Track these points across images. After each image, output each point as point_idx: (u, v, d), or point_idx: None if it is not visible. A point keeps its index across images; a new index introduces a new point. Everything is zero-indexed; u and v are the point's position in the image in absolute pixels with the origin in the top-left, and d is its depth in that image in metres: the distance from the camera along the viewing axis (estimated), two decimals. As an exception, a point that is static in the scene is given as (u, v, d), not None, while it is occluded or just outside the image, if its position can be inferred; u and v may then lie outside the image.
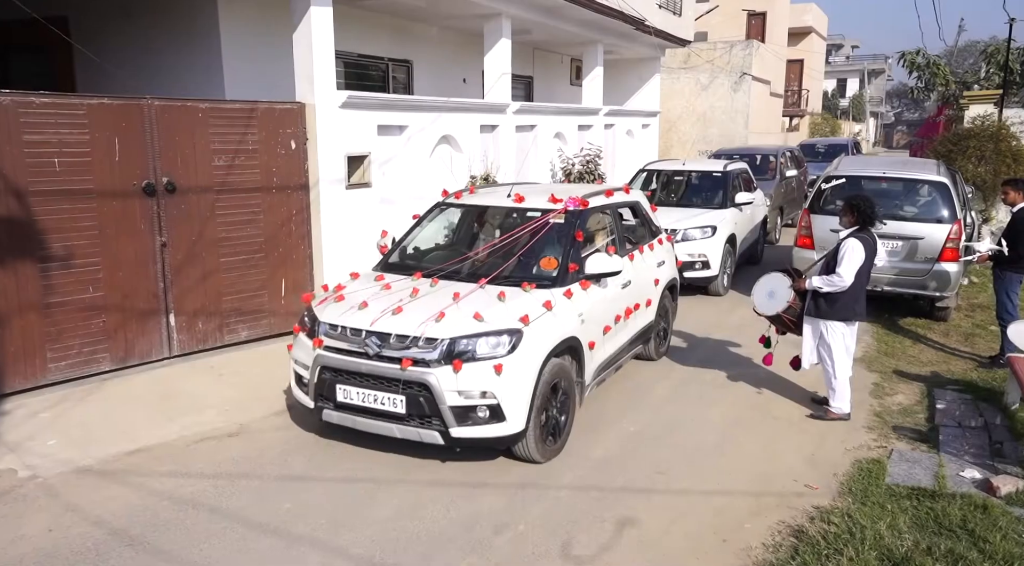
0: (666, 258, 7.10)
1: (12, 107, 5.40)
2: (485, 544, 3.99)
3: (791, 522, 4.22)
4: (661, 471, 4.87)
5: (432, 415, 4.49)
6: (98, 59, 7.54)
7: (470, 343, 4.51)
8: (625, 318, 5.98)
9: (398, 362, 4.51)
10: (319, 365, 4.79)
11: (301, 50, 7.60)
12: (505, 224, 6.14)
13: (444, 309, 4.68)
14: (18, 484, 4.52)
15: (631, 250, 6.41)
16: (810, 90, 36.65)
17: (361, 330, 4.71)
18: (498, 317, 4.65)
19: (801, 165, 16.58)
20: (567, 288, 5.14)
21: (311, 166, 7.57)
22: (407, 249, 6.13)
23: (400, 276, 5.46)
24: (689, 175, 11.23)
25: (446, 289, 5.05)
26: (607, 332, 5.62)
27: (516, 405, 4.51)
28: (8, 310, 5.53)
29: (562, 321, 4.93)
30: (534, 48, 15.41)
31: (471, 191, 6.37)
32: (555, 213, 5.64)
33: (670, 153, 23.37)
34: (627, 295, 6.02)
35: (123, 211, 6.13)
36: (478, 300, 4.85)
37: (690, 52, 23.15)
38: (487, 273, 5.23)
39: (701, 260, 9.38)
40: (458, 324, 4.58)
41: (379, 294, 5.09)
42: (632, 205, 6.97)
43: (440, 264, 5.56)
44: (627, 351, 6.24)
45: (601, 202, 6.12)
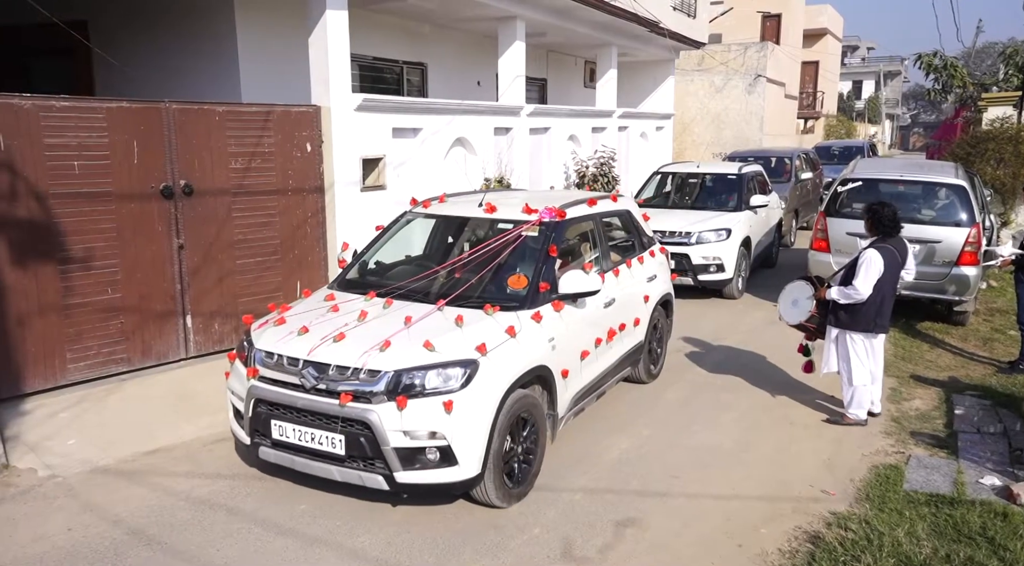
0: (658, 272, 6.50)
1: (33, 111, 5.47)
2: (500, 546, 3.99)
3: (807, 528, 4.20)
4: (675, 475, 4.86)
5: (375, 457, 3.97)
6: (117, 63, 7.62)
7: (417, 376, 3.98)
8: (608, 340, 5.43)
9: (338, 396, 3.98)
10: (253, 397, 4.27)
11: (317, 53, 7.65)
12: (475, 237, 5.68)
13: (391, 336, 4.16)
14: (38, 483, 4.58)
15: (617, 264, 5.84)
16: (825, 92, 36.44)
17: (298, 359, 4.18)
18: (451, 346, 4.12)
19: (816, 167, 16.48)
20: (536, 310, 4.59)
21: (326, 168, 7.61)
22: (368, 264, 5.56)
23: (353, 295, 4.92)
24: (703, 178, 11.18)
25: (399, 312, 4.52)
26: (585, 357, 5.06)
27: (470, 447, 3.98)
28: (29, 311, 5.59)
29: (528, 348, 4.41)
30: (548, 51, 15.43)
31: (441, 199, 5.81)
32: (528, 225, 5.10)
33: (684, 155, 23.30)
34: (610, 315, 5.48)
35: (141, 213, 6.19)
36: (432, 325, 4.34)
37: (704, 54, 23.08)
38: (448, 293, 4.76)
39: (716, 263, 9.31)
40: (405, 354, 4.05)
41: (324, 317, 4.56)
42: (621, 214, 6.38)
43: (399, 282, 5.03)
44: (612, 376, 5.70)
45: (582, 212, 5.58)
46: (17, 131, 5.39)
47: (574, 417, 5.16)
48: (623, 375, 6.01)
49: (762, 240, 10.85)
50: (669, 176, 11.52)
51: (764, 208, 10.61)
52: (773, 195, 11.70)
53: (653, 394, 6.33)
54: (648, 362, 6.40)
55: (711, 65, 24.29)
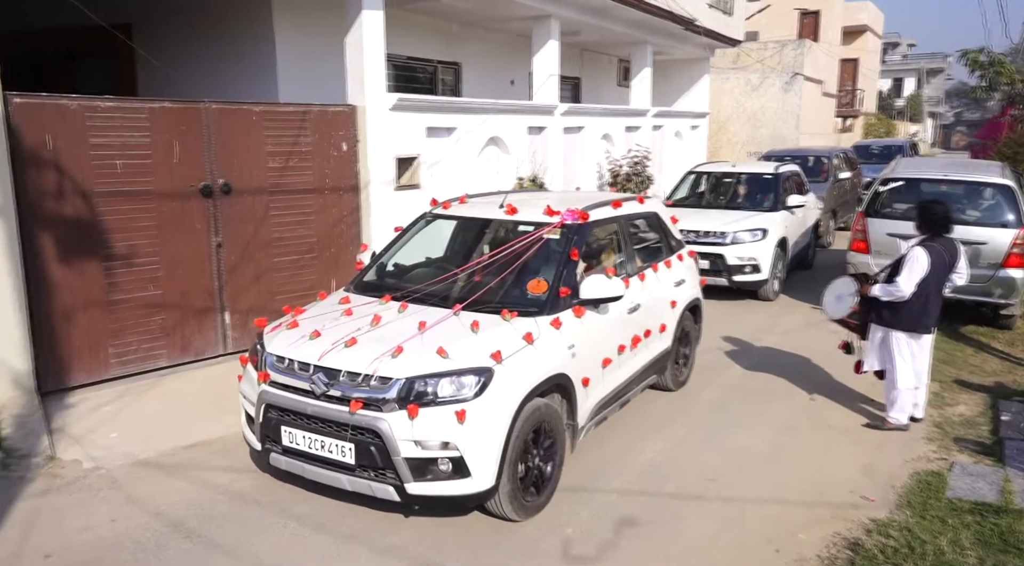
0: (687, 276, 6.28)
1: (79, 111, 5.60)
2: (533, 546, 3.98)
3: (847, 534, 4.11)
4: (710, 478, 4.80)
5: (385, 467, 3.85)
6: (160, 64, 7.77)
7: (430, 384, 3.84)
8: (632, 347, 5.23)
9: (348, 403, 3.87)
10: (263, 402, 4.19)
11: (353, 53, 7.72)
12: (496, 239, 5.49)
13: (404, 342, 4.02)
14: (83, 475, 4.69)
15: (643, 268, 5.63)
16: (864, 90, 35.76)
17: (309, 365, 4.07)
18: (466, 352, 3.97)
19: (855, 167, 16.17)
20: (555, 316, 4.41)
21: (362, 168, 7.68)
22: (386, 266, 5.45)
23: (369, 299, 4.80)
24: (739, 177, 10.97)
25: (413, 316, 4.38)
26: (607, 365, 4.90)
27: (483, 458, 3.83)
28: (74, 307, 5.73)
29: (547, 356, 4.25)
30: (582, 49, 15.37)
31: (462, 200, 5.64)
32: (549, 228, 4.94)
33: (719, 155, 23.04)
34: (635, 321, 5.29)
35: (181, 211, 6.31)
36: (447, 331, 4.19)
37: (740, 52, 22.79)
38: (465, 297, 4.59)
39: (751, 263, 9.13)
40: (417, 361, 3.92)
41: (337, 321, 4.45)
42: (648, 217, 6.15)
43: (416, 285, 4.89)
44: (636, 384, 5.48)
45: (606, 215, 5.39)
46: (64, 131, 5.53)
47: (596, 427, 4.98)
48: (648, 383, 5.81)
49: (799, 241, 10.65)
50: (704, 176, 11.37)
51: (801, 208, 10.40)
52: (810, 195, 11.48)
53: (687, 396, 6.26)
54: (675, 369, 6.19)
55: (747, 63, 23.97)
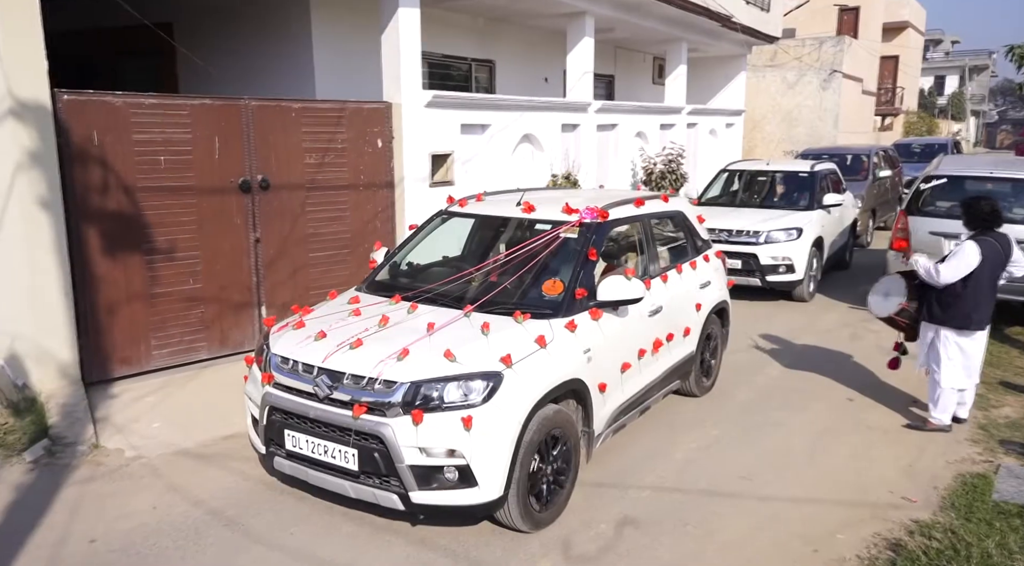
0: (713, 278, 6.04)
1: (124, 108, 5.73)
2: (566, 541, 3.97)
3: (887, 535, 4.03)
4: (745, 476, 4.74)
5: (389, 474, 3.72)
6: (201, 62, 7.91)
7: (435, 388, 3.70)
8: (653, 351, 5.05)
9: (351, 407, 3.76)
10: (267, 405, 4.09)
11: (389, 50, 7.78)
12: (512, 238, 5.37)
13: (410, 344, 3.88)
14: (125, 463, 4.80)
15: (666, 269, 5.45)
16: (905, 88, 35.02)
17: (313, 366, 3.96)
18: (474, 356, 3.82)
19: (895, 165, 15.82)
20: (571, 319, 4.24)
21: (396, 164, 7.74)
22: (400, 265, 5.32)
23: (379, 298, 4.67)
24: (773, 176, 10.79)
25: (423, 317, 4.24)
26: (626, 370, 4.71)
27: (491, 467, 3.68)
28: (118, 300, 5.86)
29: (560, 360, 4.09)
30: (616, 47, 15.30)
31: (478, 198, 5.49)
32: (567, 226, 4.77)
33: (754, 153, 22.75)
34: (657, 324, 5.10)
35: (221, 207, 6.41)
36: (456, 333, 4.04)
37: (777, 49, 22.49)
38: (477, 298, 4.43)
39: (785, 263, 8.93)
40: (423, 364, 3.77)
41: (344, 321, 4.31)
42: (672, 216, 5.94)
43: (429, 285, 4.75)
44: (657, 389, 5.28)
45: (627, 213, 5.20)
46: (109, 127, 5.66)
47: (613, 434, 4.80)
48: (671, 388, 5.61)
49: (835, 241, 10.39)
50: (737, 174, 11.13)
51: (838, 208, 10.15)
52: (847, 194, 11.17)
53: (721, 395, 6.19)
54: (700, 375, 5.96)
55: (784, 60, 23.63)
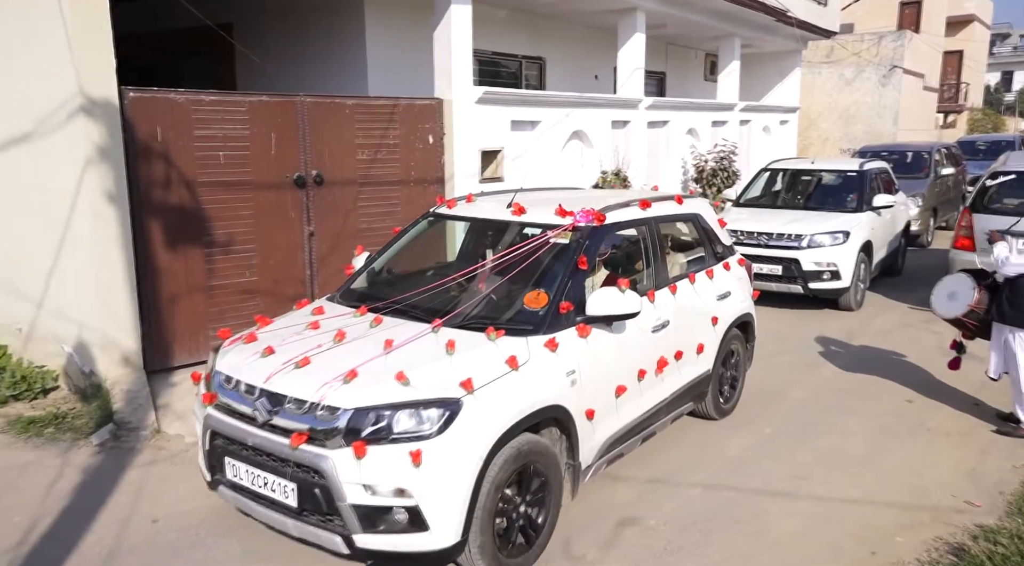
0: (734, 288, 5.49)
1: (186, 105, 5.91)
2: (615, 537, 3.95)
3: (949, 539, 3.90)
4: (799, 476, 4.64)
5: (331, 513, 3.26)
6: (258, 60, 8.12)
7: (382, 417, 3.23)
8: (657, 372, 4.53)
9: (291, 435, 3.33)
10: (208, 428, 3.69)
11: (440, 47, 7.85)
12: (500, 243, 4.90)
13: (361, 365, 3.44)
14: (185, 448, 4.95)
15: (676, 279, 4.91)
16: (970, 84, 33.77)
17: (255, 387, 3.53)
18: (430, 379, 3.35)
19: (959, 163, 15.28)
20: (551, 337, 3.75)
21: (447, 160, 7.80)
22: (379, 272, 4.86)
23: (344, 309, 4.23)
24: (819, 175, 10.18)
25: (384, 333, 3.78)
26: (621, 394, 4.19)
27: (445, 509, 3.20)
28: (178, 291, 6.05)
29: (536, 384, 3.60)
30: (667, 43, 15.14)
31: (468, 199, 5.05)
32: (558, 231, 4.28)
33: (809, 151, 22.25)
34: (662, 340, 4.58)
35: (276, 201, 6.56)
36: (416, 351, 3.60)
37: (834, 44, 21.93)
38: (450, 310, 3.99)
39: (830, 270, 8.33)
40: (370, 388, 3.32)
41: (299, 335, 3.89)
42: (687, 219, 5.43)
43: (400, 296, 4.26)
44: (664, 413, 4.74)
45: (629, 216, 4.67)
46: (172, 123, 5.84)
47: (608, 465, 4.30)
48: (682, 411, 5.05)
49: (886, 245, 9.76)
50: (779, 173, 10.47)
51: (889, 209, 9.50)
52: (900, 194, 10.55)
53: (775, 392, 6.07)
54: (717, 395, 5.39)
55: (841, 56, 23.04)
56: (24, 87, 5.43)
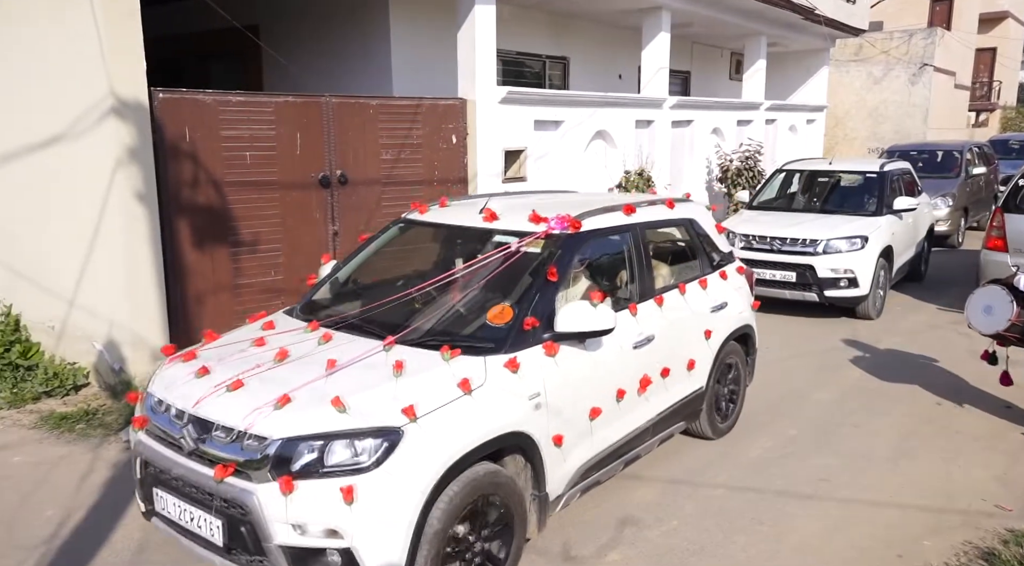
0: (731, 298, 5.09)
1: (213, 105, 6.00)
2: (636, 537, 3.94)
3: (979, 543, 3.83)
4: (823, 478, 4.59)
5: (259, 553, 2.96)
6: (285, 61, 8.22)
7: (313, 448, 2.89)
8: (640, 391, 4.15)
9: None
10: (138, 455, 3.41)
11: (464, 47, 7.88)
12: (470, 252, 4.44)
13: (296, 388, 3.11)
14: (210, 443, 5.02)
15: (663, 290, 4.51)
16: (1003, 82, 33.08)
17: (184, 412, 3.22)
18: (371, 405, 3.02)
19: (991, 162, 15.00)
20: (512, 356, 3.40)
21: (470, 160, 7.83)
22: (344, 283, 4.48)
23: (298, 324, 3.90)
24: (837, 176, 9.67)
25: (332, 351, 3.47)
26: (596, 416, 3.81)
27: (383, 551, 2.87)
28: (205, 290, 6.14)
29: (493, 409, 3.25)
30: (692, 42, 15.04)
31: (442, 203, 4.73)
32: (528, 239, 3.95)
33: (836, 150, 21.98)
34: (645, 357, 4.20)
35: (302, 201, 6.63)
36: (360, 373, 3.26)
37: (863, 42, 21.64)
38: (407, 326, 3.65)
39: (847, 277, 7.89)
40: (303, 416, 2.98)
41: (241, 353, 3.56)
42: (679, 224, 5.02)
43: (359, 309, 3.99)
44: (650, 435, 4.37)
45: (611, 223, 4.28)
46: (200, 124, 5.93)
47: (582, 495, 3.95)
48: (672, 432, 4.69)
49: (907, 250, 9.27)
50: (795, 174, 9.94)
51: (911, 212, 9.01)
52: (923, 196, 10.07)
53: (799, 394, 6.01)
54: (713, 414, 5.03)
55: (870, 54, 22.72)
56: (57, 89, 5.56)
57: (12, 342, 6.02)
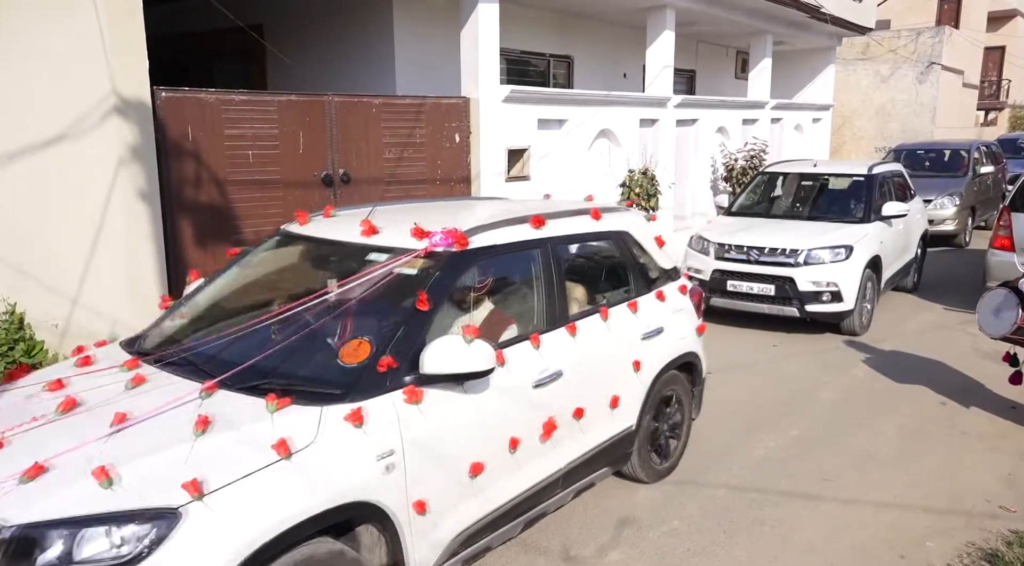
0: (668, 323, 4.41)
1: (216, 104, 6.00)
2: (637, 537, 3.92)
3: (983, 545, 3.80)
4: (827, 478, 4.56)
5: None
6: (289, 61, 8.22)
7: (60, 537, 2.27)
8: (544, 438, 3.53)
9: None
10: None
11: (467, 46, 7.87)
12: (344, 272, 3.56)
13: (59, 453, 2.49)
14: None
15: (578, 317, 3.86)
16: (1012, 80, 32.88)
17: None
18: (148, 477, 2.41)
19: (999, 161, 14.91)
20: (357, 406, 2.77)
21: (473, 159, 7.82)
22: (205, 307, 3.74)
23: (120, 359, 3.23)
24: (821, 180, 9.14)
25: (135, 399, 2.84)
26: (479, 473, 3.18)
27: None
28: (207, 287, 6.15)
29: (322, 476, 2.60)
30: (698, 41, 14.99)
31: (326, 213, 4.06)
32: (405, 257, 3.31)
33: (843, 150, 21.89)
34: (551, 397, 3.57)
35: (304, 200, 6.62)
36: (153, 430, 2.63)
37: (870, 41, 21.53)
38: (236, 365, 2.95)
39: (830, 290, 7.24)
40: (53, 492, 2.37)
41: (24, 401, 2.96)
42: (609, 238, 4.36)
43: (201, 340, 3.32)
44: (561, 487, 3.74)
45: (511, 238, 3.64)
46: (202, 123, 5.93)
47: (467, 564, 3.30)
48: (592, 480, 4.04)
49: (897, 260, 8.62)
50: (778, 178, 9.36)
51: (902, 219, 8.39)
52: (917, 200, 9.47)
53: (803, 394, 5.98)
54: (647, 455, 4.38)
55: (877, 53, 22.61)
56: (59, 88, 5.57)
57: (16, 340, 6.03)
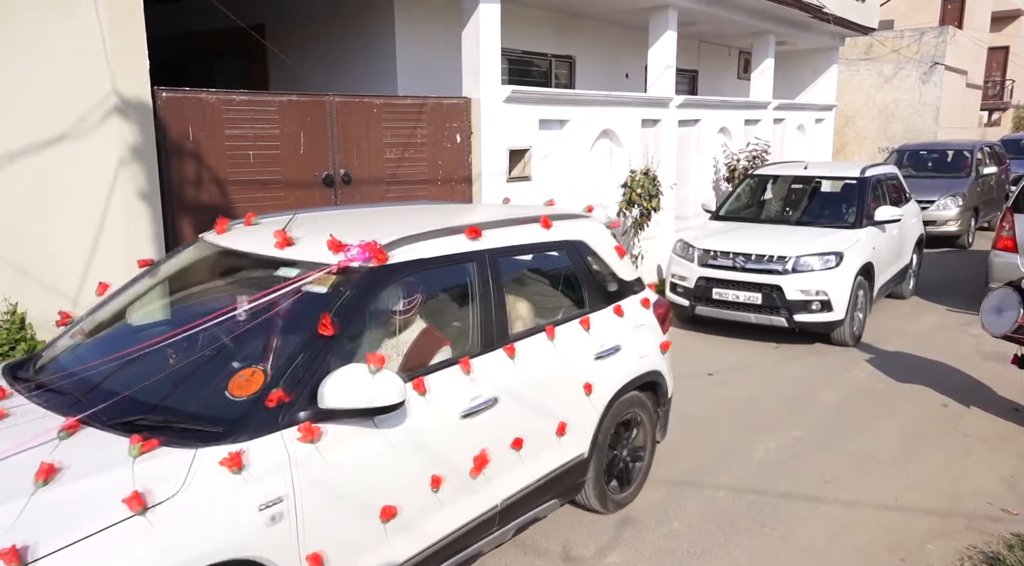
0: (626, 341, 4.05)
1: (217, 104, 6.00)
2: (637, 538, 3.91)
3: (984, 548, 3.79)
4: (828, 480, 4.55)
5: None
6: (290, 61, 8.22)
7: None
8: (474, 473, 3.20)
9: None
10: None
11: (469, 46, 7.86)
12: (255, 288, 3.18)
13: None
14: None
15: (523, 335, 3.54)
16: (1015, 80, 32.80)
17: None
18: None
19: (1002, 162, 14.87)
20: (238, 448, 2.44)
21: (474, 159, 7.81)
22: (102, 323, 3.38)
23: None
24: (812, 183, 8.79)
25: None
26: (391, 518, 2.83)
27: None
28: (208, 287, 6.15)
29: (187, 532, 2.27)
30: (700, 41, 14.98)
31: (247, 221, 3.67)
32: (315, 274, 2.95)
33: (846, 150, 21.85)
34: (484, 427, 3.23)
35: (305, 201, 6.62)
36: None
37: (873, 41, 21.50)
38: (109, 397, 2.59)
39: (819, 299, 6.96)
40: None
41: None
42: (561, 248, 3.99)
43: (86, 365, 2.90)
44: (498, 525, 3.39)
45: (440, 251, 3.28)
46: (203, 123, 5.93)
47: None
48: (538, 514, 3.68)
49: (891, 266, 8.36)
50: (767, 180, 9.08)
51: (896, 224, 8.11)
52: (911, 205, 9.21)
53: (804, 395, 5.96)
54: (603, 484, 4.04)
55: (880, 53, 22.56)
56: (60, 88, 5.57)
57: (17, 340, 6.04)
